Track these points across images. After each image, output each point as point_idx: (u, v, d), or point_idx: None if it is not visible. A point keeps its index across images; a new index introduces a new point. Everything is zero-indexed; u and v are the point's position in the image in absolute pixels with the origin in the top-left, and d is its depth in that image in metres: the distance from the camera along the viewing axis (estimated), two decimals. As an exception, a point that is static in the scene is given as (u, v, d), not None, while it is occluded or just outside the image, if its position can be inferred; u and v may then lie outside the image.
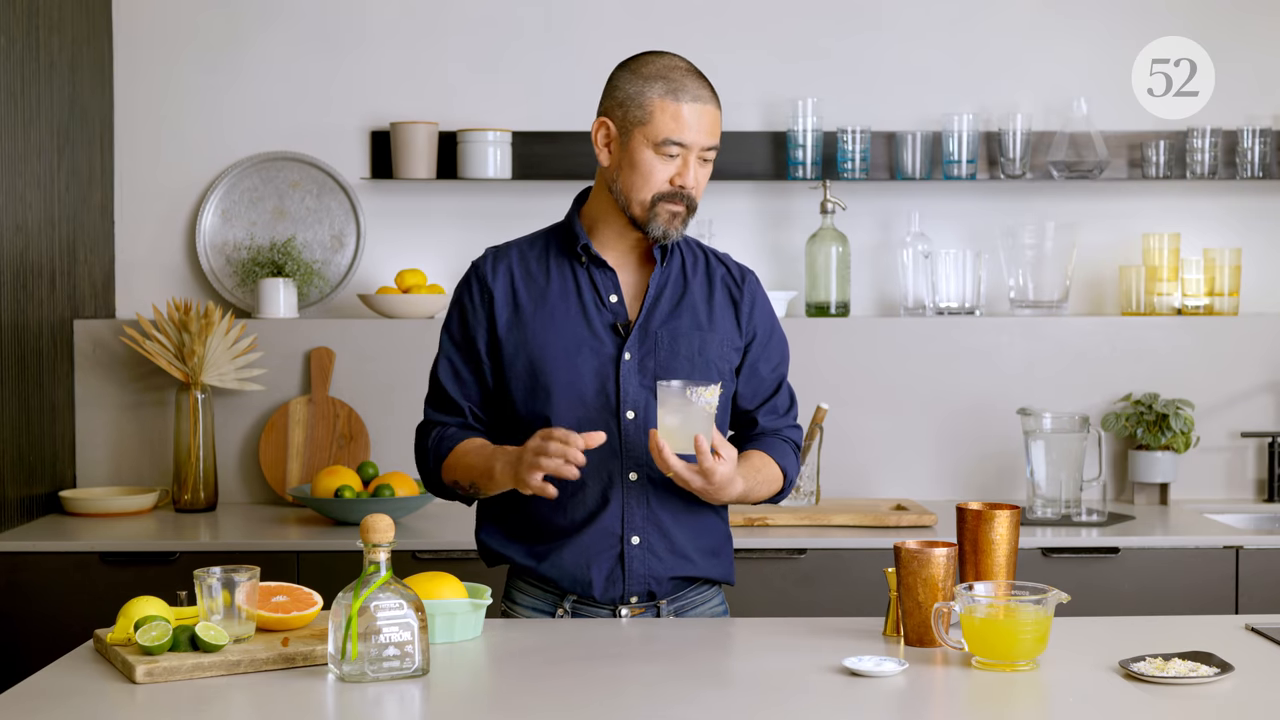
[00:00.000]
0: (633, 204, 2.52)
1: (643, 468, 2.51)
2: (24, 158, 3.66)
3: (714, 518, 2.61)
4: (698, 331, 2.56)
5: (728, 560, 2.64)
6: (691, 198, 2.51)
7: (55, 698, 2.07)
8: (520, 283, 2.58)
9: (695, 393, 2.35)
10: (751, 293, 2.64)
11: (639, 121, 2.50)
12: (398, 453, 4.01)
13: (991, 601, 2.19)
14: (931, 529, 3.65)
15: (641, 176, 2.50)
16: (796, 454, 2.67)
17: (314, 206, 4.18)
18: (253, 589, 2.28)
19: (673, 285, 2.59)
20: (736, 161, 4.10)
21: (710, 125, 2.51)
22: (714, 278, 2.63)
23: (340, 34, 4.19)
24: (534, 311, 2.56)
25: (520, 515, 2.57)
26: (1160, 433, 3.98)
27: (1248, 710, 2.04)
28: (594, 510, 2.52)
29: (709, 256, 2.66)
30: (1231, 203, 4.24)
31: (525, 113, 4.17)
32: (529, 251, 2.62)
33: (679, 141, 2.49)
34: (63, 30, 3.86)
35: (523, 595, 2.60)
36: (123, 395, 4.04)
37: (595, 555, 2.52)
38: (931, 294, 4.11)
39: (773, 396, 2.66)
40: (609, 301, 2.56)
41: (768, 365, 2.65)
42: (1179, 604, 3.48)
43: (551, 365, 2.52)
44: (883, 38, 4.21)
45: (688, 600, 2.59)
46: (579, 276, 2.57)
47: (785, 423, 2.67)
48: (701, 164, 2.52)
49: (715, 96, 2.53)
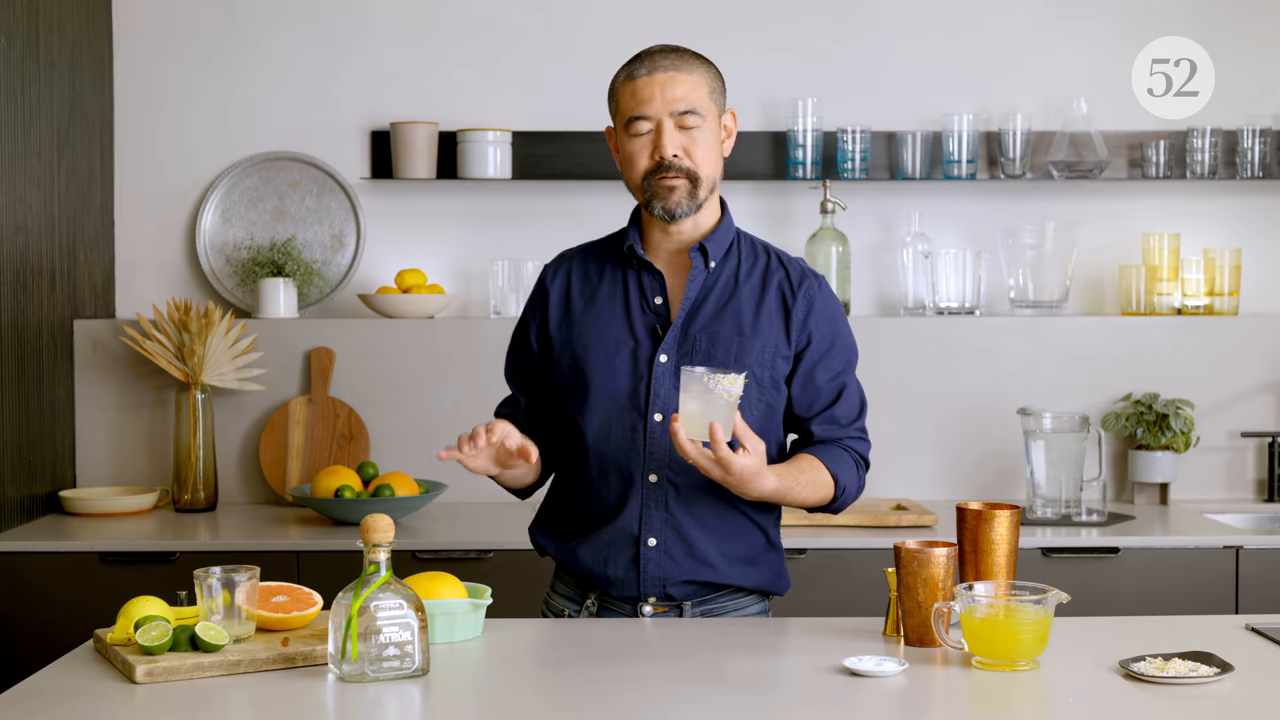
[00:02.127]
0: (635, 194, 2.54)
1: (664, 470, 2.50)
2: (24, 158, 3.66)
3: (748, 524, 2.56)
4: (738, 337, 2.53)
5: (769, 569, 2.58)
6: (683, 167, 2.49)
7: (55, 698, 2.07)
8: (576, 285, 2.61)
9: (715, 379, 2.32)
10: (808, 299, 2.57)
11: (614, 113, 2.55)
12: (398, 453, 4.02)
13: (991, 601, 2.19)
14: (931, 529, 3.65)
15: (628, 163, 2.53)
16: (858, 465, 2.57)
17: (314, 206, 4.18)
18: (253, 589, 2.28)
19: (721, 288, 2.56)
20: (736, 161, 4.10)
21: (675, 90, 2.47)
22: (770, 282, 2.58)
23: (340, 34, 4.19)
24: (583, 311, 2.58)
25: (557, 508, 2.63)
26: (1160, 433, 3.98)
27: (1248, 710, 2.04)
28: (613, 509, 2.53)
29: (771, 259, 2.61)
30: (1231, 203, 4.24)
31: (525, 113, 4.17)
32: (591, 254, 2.64)
33: (641, 115, 2.48)
34: (63, 30, 3.86)
35: (560, 585, 2.63)
36: (123, 395, 4.04)
37: (613, 554, 2.52)
38: (931, 294, 4.11)
39: (831, 406, 2.57)
40: (654, 304, 2.55)
41: (826, 374, 2.57)
42: (1179, 604, 3.48)
43: (591, 364, 2.54)
44: (883, 38, 4.21)
45: (718, 605, 2.56)
46: (628, 279, 2.58)
47: (846, 433, 2.58)
48: (683, 131, 2.49)
49: (687, 63, 2.50)
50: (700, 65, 2.53)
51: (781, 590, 2.61)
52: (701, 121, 2.50)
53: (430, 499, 3.76)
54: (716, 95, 2.54)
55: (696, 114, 2.49)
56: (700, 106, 2.49)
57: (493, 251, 4.17)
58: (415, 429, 4.02)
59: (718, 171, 2.54)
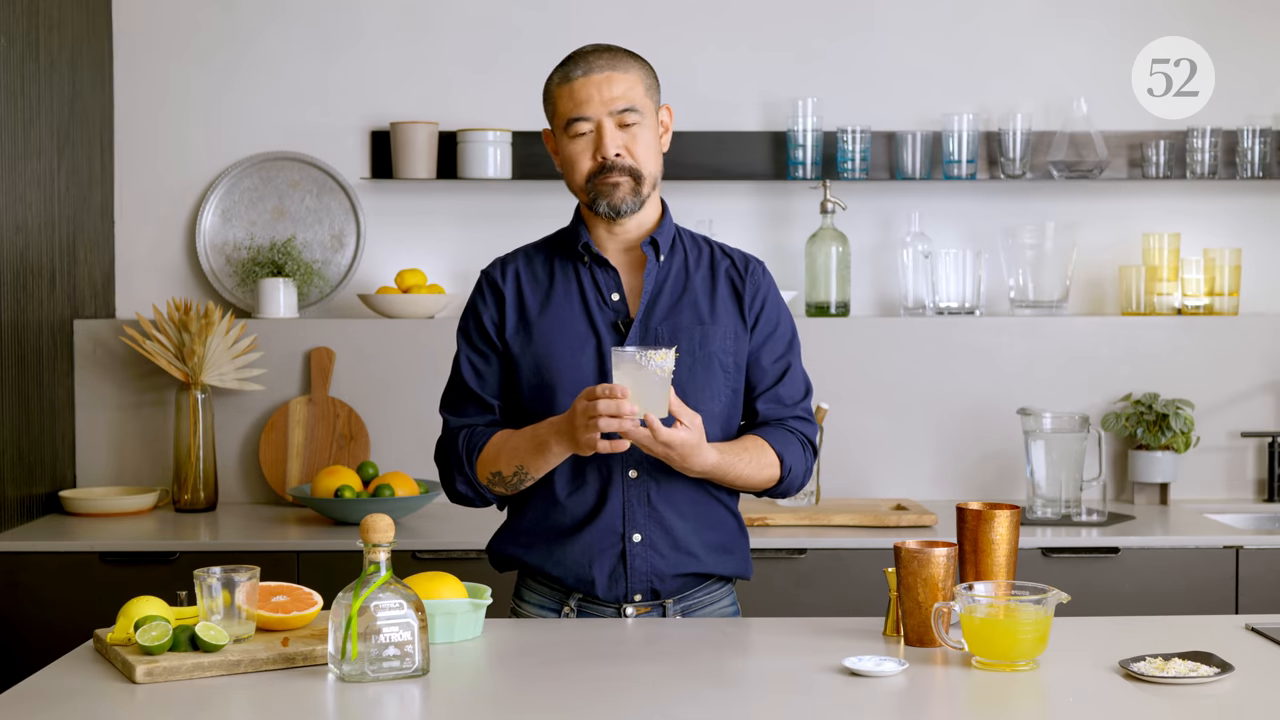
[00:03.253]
0: (579, 194, 2.56)
1: (643, 465, 2.51)
2: (24, 158, 3.66)
3: (722, 511, 2.59)
4: (699, 325, 2.55)
5: (742, 556, 2.62)
6: (625, 165, 2.50)
7: (55, 698, 2.07)
8: (526, 286, 2.60)
9: (646, 356, 2.33)
10: (755, 283, 2.62)
11: (551, 116, 2.56)
12: (398, 453, 4.01)
13: (991, 601, 2.19)
14: (931, 529, 3.65)
15: (570, 166, 2.54)
16: (804, 446, 2.60)
17: (314, 206, 4.18)
18: (253, 589, 2.28)
19: (673, 281, 2.59)
20: (736, 161, 4.10)
21: (611, 88, 2.48)
22: (718, 270, 2.62)
23: (340, 34, 4.19)
24: (539, 313, 2.57)
25: (526, 516, 2.58)
26: (1160, 433, 3.98)
27: (1248, 710, 2.04)
28: (595, 508, 2.52)
29: (715, 250, 2.65)
30: (1231, 203, 4.24)
31: (525, 113, 4.17)
32: (534, 256, 2.64)
33: (580, 116, 2.49)
34: (63, 30, 3.86)
35: (530, 594, 2.60)
36: (123, 395, 4.04)
37: (597, 553, 2.52)
38: (931, 294, 4.11)
39: (774, 386, 2.61)
40: (611, 300, 2.56)
41: (770, 355, 2.61)
42: (1179, 604, 3.48)
43: (556, 364, 2.53)
44: (883, 37, 4.21)
45: (695, 600, 2.58)
46: (582, 277, 2.58)
47: (790, 413, 2.61)
48: (623, 129, 2.50)
49: (622, 61, 2.51)
50: (635, 63, 2.54)
51: (749, 574, 2.64)
52: (640, 119, 2.51)
53: (430, 499, 3.76)
54: (652, 92, 2.56)
55: (635, 111, 2.50)
56: (638, 104, 2.51)
57: (493, 251, 4.11)
58: (415, 429, 4.02)
59: (659, 167, 2.57)
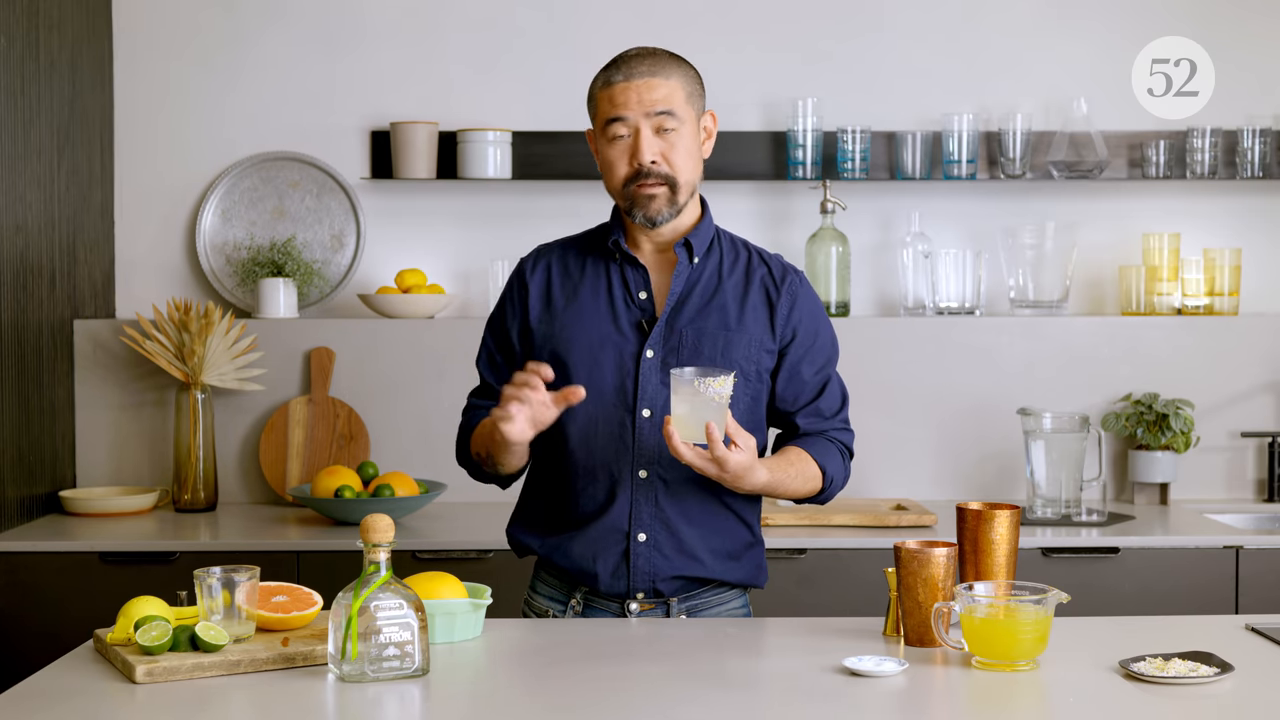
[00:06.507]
0: (616, 199, 2.55)
1: (654, 466, 2.51)
2: (24, 158, 3.66)
3: (734, 520, 2.58)
4: (724, 331, 2.54)
5: (752, 564, 2.61)
6: (662, 173, 2.49)
7: (55, 698, 2.07)
8: (557, 279, 2.60)
9: (704, 383, 2.33)
10: (791, 294, 2.60)
11: (592, 118, 2.56)
12: (398, 453, 4.02)
13: (991, 601, 2.19)
14: (931, 529, 3.65)
15: (608, 169, 2.54)
16: (844, 456, 2.62)
17: (314, 206, 4.18)
18: (253, 589, 2.28)
19: (704, 284, 2.57)
20: (736, 161, 4.10)
21: (651, 93, 2.48)
22: (752, 277, 2.60)
23: (340, 34, 4.19)
24: (565, 306, 2.57)
25: (538, 506, 2.62)
26: (1160, 433, 3.98)
27: (1248, 710, 2.04)
28: (602, 504, 2.53)
29: (753, 255, 2.63)
30: (1231, 203, 4.24)
31: (525, 113, 4.17)
32: (570, 249, 2.64)
33: (618, 118, 2.49)
34: (63, 30, 3.86)
35: (542, 585, 2.63)
36: (123, 395, 4.04)
37: (602, 549, 2.52)
38: (931, 294, 4.11)
39: (815, 399, 2.61)
40: (638, 298, 2.56)
41: (811, 367, 2.60)
42: (1179, 604, 3.48)
43: (575, 359, 2.53)
44: (883, 38, 4.21)
45: (702, 600, 2.58)
46: (611, 274, 2.58)
47: (831, 425, 2.62)
48: (660, 135, 2.49)
49: (664, 67, 2.50)
50: (677, 68, 2.52)
51: (761, 584, 2.64)
52: (679, 125, 2.50)
53: (430, 499, 3.76)
54: (695, 98, 2.54)
55: (673, 116, 2.49)
56: (677, 109, 2.50)
57: (492, 251, 4.16)
58: (415, 429, 4.02)
59: (697, 174, 2.55)
